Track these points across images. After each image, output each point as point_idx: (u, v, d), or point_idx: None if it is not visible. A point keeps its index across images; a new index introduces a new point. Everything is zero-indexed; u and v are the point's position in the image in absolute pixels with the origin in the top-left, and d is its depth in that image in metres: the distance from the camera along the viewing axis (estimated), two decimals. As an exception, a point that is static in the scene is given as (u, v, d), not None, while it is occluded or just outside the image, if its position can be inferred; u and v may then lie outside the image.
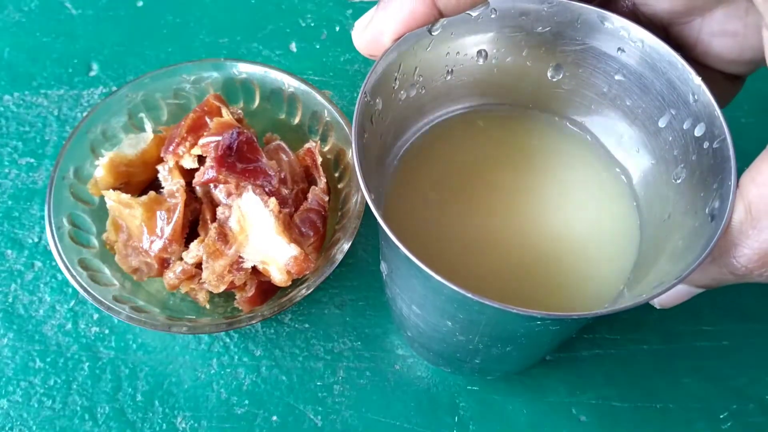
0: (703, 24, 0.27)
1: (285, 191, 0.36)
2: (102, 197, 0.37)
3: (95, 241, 0.38)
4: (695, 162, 0.28)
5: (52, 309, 0.40)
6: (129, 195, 0.36)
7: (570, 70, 0.32)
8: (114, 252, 0.37)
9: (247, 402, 0.37)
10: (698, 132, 0.28)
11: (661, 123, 0.30)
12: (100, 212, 0.38)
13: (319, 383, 0.38)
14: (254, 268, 0.35)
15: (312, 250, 0.37)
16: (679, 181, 0.29)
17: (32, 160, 0.44)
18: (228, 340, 0.39)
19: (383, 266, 0.32)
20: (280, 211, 0.35)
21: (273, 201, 0.34)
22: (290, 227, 0.35)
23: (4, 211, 0.43)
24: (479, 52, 0.32)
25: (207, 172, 0.35)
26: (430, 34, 0.30)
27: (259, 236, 0.34)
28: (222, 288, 0.35)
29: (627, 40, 0.29)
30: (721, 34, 0.28)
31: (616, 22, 0.29)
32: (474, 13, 0.30)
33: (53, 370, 0.38)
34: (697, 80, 0.27)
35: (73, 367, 0.38)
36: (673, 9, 0.28)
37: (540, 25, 0.31)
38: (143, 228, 0.36)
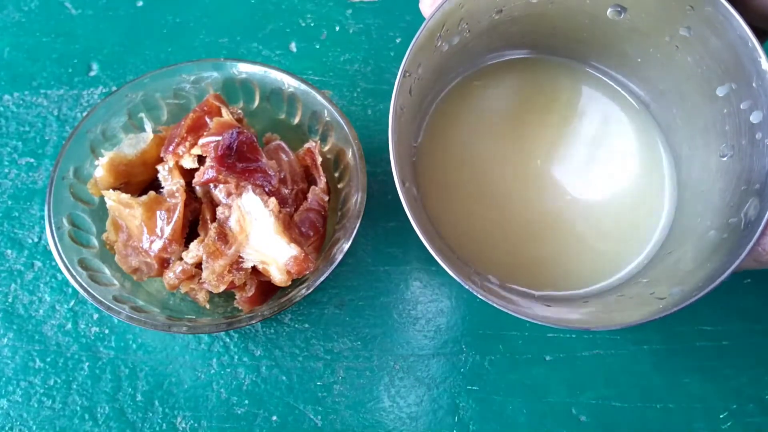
0: None
1: (285, 191, 0.36)
2: (102, 197, 0.37)
3: (95, 241, 0.38)
4: (744, 148, 0.27)
5: (52, 309, 0.40)
6: (129, 195, 0.36)
7: (632, 14, 0.31)
8: (114, 252, 0.37)
9: (247, 402, 0.37)
10: (755, 119, 0.27)
11: (720, 92, 0.29)
12: (100, 212, 0.38)
13: (318, 383, 0.38)
14: (254, 268, 0.35)
15: (312, 250, 0.37)
16: (724, 159, 0.28)
17: (32, 160, 0.44)
18: (228, 340, 0.39)
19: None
20: (280, 211, 0.35)
21: (273, 201, 0.34)
22: (290, 227, 0.35)
23: (4, 211, 0.43)
24: None
25: (207, 172, 0.35)
26: None
27: (259, 236, 0.34)
28: (222, 288, 0.35)
29: (699, 0, 0.28)
30: None
31: None
32: None
33: (53, 370, 0.38)
34: (766, 65, 0.26)
35: (73, 367, 0.38)
36: None
37: None
38: (143, 228, 0.36)
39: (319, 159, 0.39)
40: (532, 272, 0.32)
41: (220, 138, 0.35)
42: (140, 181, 0.39)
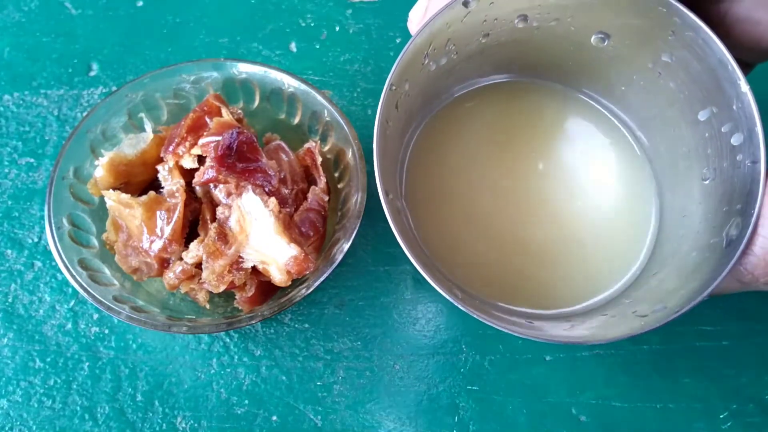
0: (731, 7, 0.27)
1: (285, 191, 0.36)
2: (102, 197, 0.37)
3: (95, 241, 0.38)
4: (726, 170, 0.27)
5: (52, 309, 0.40)
6: (129, 195, 0.36)
7: (616, 41, 0.31)
8: (114, 252, 0.37)
9: (247, 402, 0.37)
10: (735, 141, 0.27)
11: (701, 116, 0.29)
12: (100, 212, 0.38)
13: (318, 383, 0.38)
14: (254, 268, 0.35)
15: (312, 250, 0.37)
16: (706, 182, 0.29)
17: (32, 160, 0.44)
18: (228, 340, 0.39)
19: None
20: (280, 211, 0.35)
21: (273, 201, 0.34)
22: (290, 227, 0.35)
23: (4, 211, 0.43)
24: (521, 17, 0.32)
25: (207, 172, 0.35)
26: (466, 7, 0.30)
27: (259, 236, 0.34)
28: (222, 288, 0.35)
29: (680, 26, 0.28)
30: (745, 21, 0.28)
31: (670, 7, 0.28)
32: None
33: (53, 370, 0.38)
34: (745, 87, 0.26)
35: (73, 367, 0.38)
36: None
37: None
38: (143, 228, 0.36)
39: (319, 159, 0.39)
40: (516, 291, 0.32)
41: (220, 138, 0.35)
42: (140, 181, 0.39)
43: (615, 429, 0.37)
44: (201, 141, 0.36)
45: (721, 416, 0.37)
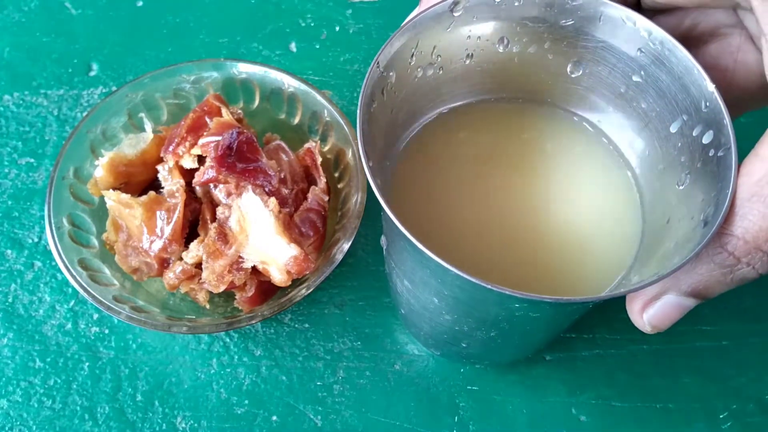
0: (696, 56, 0.28)
1: (285, 191, 0.36)
2: (102, 197, 0.37)
3: (95, 241, 0.38)
4: (699, 169, 0.28)
5: (52, 309, 0.40)
6: (129, 195, 0.36)
7: (589, 68, 0.32)
8: (114, 252, 0.37)
9: (247, 402, 0.37)
10: (706, 139, 0.27)
11: (673, 128, 0.30)
12: (100, 212, 0.38)
13: (319, 383, 0.38)
14: (254, 268, 0.35)
15: (312, 250, 0.37)
16: (682, 188, 0.29)
17: (32, 160, 0.44)
18: (228, 340, 0.39)
19: (383, 239, 0.32)
20: (280, 211, 0.35)
21: (273, 201, 0.34)
22: (290, 227, 0.35)
23: (4, 211, 0.43)
24: (501, 39, 0.32)
25: (207, 172, 0.35)
26: (452, 14, 0.30)
27: (259, 236, 0.35)
28: (222, 288, 0.35)
29: (647, 40, 0.29)
30: (711, 68, 0.28)
31: (638, 21, 0.29)
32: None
33: (53, 370, 0.38)
34: (711, 87, 0.27)
35: (73, 367, 0.38)
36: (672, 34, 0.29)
37: (563, 18, 0.31)
38: (143, 228, 0.36)
39: (319, 159, 0.39)
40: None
41: (220, 138, 0.35)
42: (140, 181, 0.39)
43: (615, 429, 0.37)
44: (201, 141, 0.36)
45: (721, 416, 0.37)
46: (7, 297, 0.40)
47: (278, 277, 0.35)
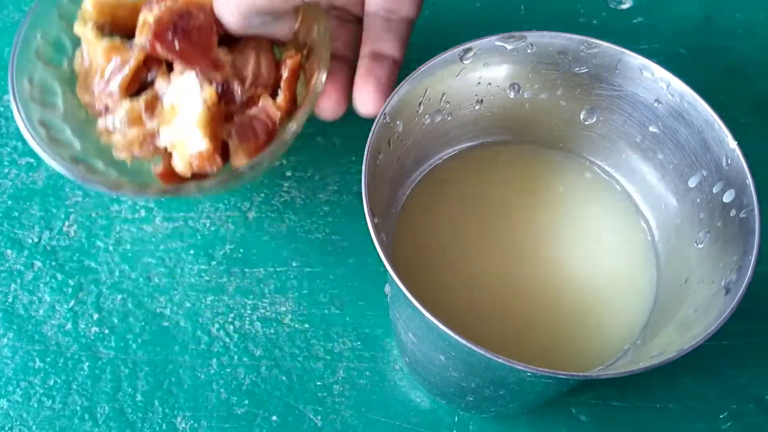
0: None
1: (237, 89, 0.35)
2: (75, 55, 0.37)
3: (60, 103, 0.37)
4: (720, 229, 0.27)
5: (51, 309, 0.40)
6: (97, 33, 0.35)
7: (604, 115, 0.31)
8: (83, 104, 0.36)
9: (246, 402, 0.37)
10: (727, 198, 0.27)
11: (691, 183, 0.29)
12: (68, 77, 0.37)
13: (318, 383, 0.38)
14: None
15: (243, 156, 0.35)
16: (701, 247, 0.28)
17: (32, 160, 0.44)
18: (228, 340, 0.39)
19: (387, 287, 0.32)
20: (215, 103, 0.33)
21: (210, 90, 0.33)
22: (220, 123, 0.34)
23: (3, 211, 0.43)
24: (512, 86, 0.32)
25: (143, 42, 0.34)
26: (462, 62, 0.30)
27: (183, 120, 0.34)
28: (125, 156, 0.34)
29: (665, 92, 0.28)
30: None
31: (656, 72, 0.28)
32: (509, 46, 0.29)
33: (53, 370, 0.38)
34: (733, 144, 0.26)
35: (73, 367, 0.38)
36: None
37: (577, 66, 0.30)
38: (98, 69, 0.35)
39: (285, 74, 0.36)
40: (531, 356, 0.31)
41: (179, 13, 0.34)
42: (126, 26, 0.37)
43: (615, 429, 0.37)
44: (162, 5, 0.34)
45: (721, 416, 0.37)
46: (6, 297, 0.40)
47: (179, 167, 0.34)
